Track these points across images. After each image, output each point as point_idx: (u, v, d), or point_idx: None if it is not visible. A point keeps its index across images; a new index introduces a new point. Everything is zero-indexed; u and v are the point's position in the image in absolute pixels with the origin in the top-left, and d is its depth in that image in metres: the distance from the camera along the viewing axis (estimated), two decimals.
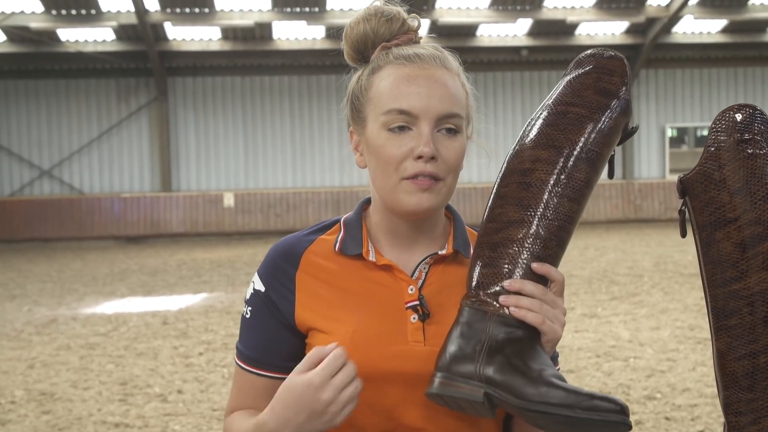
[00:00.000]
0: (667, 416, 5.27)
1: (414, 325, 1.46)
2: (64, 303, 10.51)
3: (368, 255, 1.50)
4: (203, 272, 13.37)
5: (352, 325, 1.45)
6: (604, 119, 1.40)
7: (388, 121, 1.43)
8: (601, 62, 1.44)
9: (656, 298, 9.57)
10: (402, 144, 1.42)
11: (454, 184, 1.48)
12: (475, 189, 20.04)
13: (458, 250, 1.51)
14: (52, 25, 17.45)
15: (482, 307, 1.36)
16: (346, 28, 1.55)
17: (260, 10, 17.75)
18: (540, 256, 1.37)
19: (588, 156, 1.39)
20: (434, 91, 1.43)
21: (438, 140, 1.43)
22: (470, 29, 19.18)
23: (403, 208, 1.45)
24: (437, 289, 1.49)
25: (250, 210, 19.85)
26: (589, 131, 1.39)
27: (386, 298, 1.48)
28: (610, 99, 1.41)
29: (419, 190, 1.42)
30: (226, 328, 8.50)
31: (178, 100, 20.56)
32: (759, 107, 1.30)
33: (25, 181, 20.23)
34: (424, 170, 1.41)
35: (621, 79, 1.43)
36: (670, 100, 21.68)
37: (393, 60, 1.47)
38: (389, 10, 1.52)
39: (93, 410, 5.75)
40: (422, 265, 1.51)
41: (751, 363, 1.29)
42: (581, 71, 1.44)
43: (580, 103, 1.40)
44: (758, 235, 1.26)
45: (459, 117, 1.46)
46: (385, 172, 1.44)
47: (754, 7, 18.70)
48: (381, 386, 1.44)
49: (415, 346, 1.44)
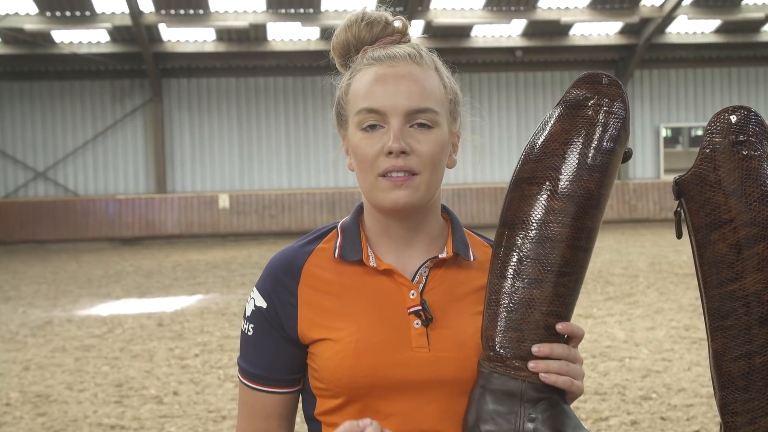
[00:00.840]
0: (663, 416, 5.28)
1: (417, 330, 1.44)
2: (59, 305, 10.49)
3: (369, 260, 1.49)
4: (198, 274, 13.36)
5: (355, 333, 1.44)
6: (611, 157, 1.37)
7: (360, 121, 1.45)
8: (600, 90, 1.39)
9: (651, 299, 9.58)
10: (374, 142, 1.43)
11: (434, 179, 1.46)
12: (470, 189, 20.05)
13: (458, 253, 1.51)
14: (46, 26, 17.43)
15: (512, 373, 1.35)
16: (332, 39, 1.57)
17: (255, 11, 17.75)
18: (561, 315, 1.36)
19: (598, 201, 1.37)
20: (402, 87, 1.44)
21: (410, 135, 1.43)
22: (465, 30, 19.19)
23: (383, 206, 1.45)
24: (439, 293, 1.48)
25: (245, 211, 19.83)
26: (598, 175, 1.36)
27: (388, 304, 1.46)
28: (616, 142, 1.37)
29: (394, 186, 1.42)
30: (221, 329, 8.50)
31: (172, 101, 20.54)
32: (754, 109, 1.31)
33: (20, 182, 20.19)
34: (395, 165, 1.41)
35: (623, 112, 1.38)
36: (665, 100, 21.72)
37: (366, 62, 1.49)
38: (371, 14, 1.54)
39: (88, 412, 5.74)
40: (423, 269, 1.50)
41: (747, 363, 1.29)
42: (580, 103, 1.38)
43: (587, 144, 1.36)
44: (753, 236, 1.27)
45: (432, 111, 1.45)
46: (363, 171, 1.46)
47: (748, 8, 18.75)
48: (388, 393, 1.43)
49: (420, 352, 1.43)
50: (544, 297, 1.35)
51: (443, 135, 1.47)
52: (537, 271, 1.35)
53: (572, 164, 1.35)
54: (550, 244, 1.35)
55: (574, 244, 1.35)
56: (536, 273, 1.35)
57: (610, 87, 1.39)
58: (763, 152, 1.28)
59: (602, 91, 1.38)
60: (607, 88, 1.38)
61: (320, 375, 1.46)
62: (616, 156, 1.37)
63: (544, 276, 1.35)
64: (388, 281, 1.48)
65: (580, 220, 1.35)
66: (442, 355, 1.43)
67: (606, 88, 1.38)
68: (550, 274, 1.35)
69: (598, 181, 1.35)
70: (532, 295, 1.35)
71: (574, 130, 1.37)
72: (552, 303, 1.35)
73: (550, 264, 1.35)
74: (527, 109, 21.17)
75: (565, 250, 1.35)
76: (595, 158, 1.35)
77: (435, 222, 1.54)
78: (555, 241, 1.35)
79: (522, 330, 1.35)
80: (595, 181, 1.35)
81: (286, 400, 1.52)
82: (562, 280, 1.35)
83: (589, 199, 1.35)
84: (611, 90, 1.38)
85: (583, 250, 1.37)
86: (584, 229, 1.36)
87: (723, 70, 21.74)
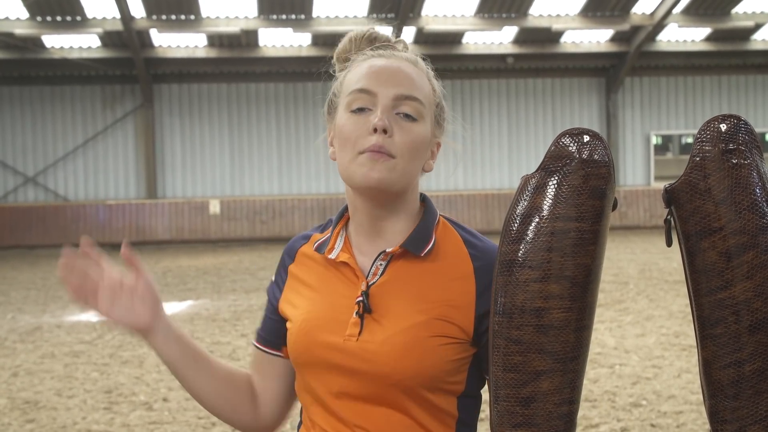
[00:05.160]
0: (653, 423, 5.29)
1: (354, 320, 1.51)
2: (49, 311, 10.45)
3: (330, 252, 1.58)
4: (189, 279, 13.33)
5: (304, 313, 1.56)
6: (603, 223, 1.29)
7: (350, 102, 1.51)
8: (582, 149, 1.28)
9: (641, 305, 9.60)
10: (361, 123, 1.49)
11: (410, 168, 1.50)
12: (460, 196, 20.08)
13: (407, 248, 1.53)
14: (37, 31, 17.39)
15: None
16: (336, 49, 1.66)
17: (246, 17, 17.75)
18: (573, 400, 1.33)
19: (596, 274, 1.31)
20: (395, 74, 1.52)
21: (395, 120, 1.49)
22: (456, 37, 19.23)
23: (357, 180, 1.49)
24: (388, 287, 1.53)
25: (236, 217, 19.81)
26: (593, 247, 1.29)
27: (342, 293, 1.55)
28: (603, 198, 1.28)
29: (370, 161, 1.47)
30: (211, 335, 8.48)
31: (163, 106, 20.52)
32: (744, 117, 1.31)
33: (10, 188, 20.13)
34: (377, 143, 1.46)
35: (608, 169, 1.29)
36: (655, 107, 21.80)
37: (362, 55, 1.59)
38: (373, 33, 1.63)
39: (77, 419, 5.72)
40: (378, 262, 1.55)
41: (736, 371, 1.29)
42: (565, 169, 1.28)
43: (578, 216, 1.27)
44: (743, 244, 1.27)
45: (419, 102, 1.51)
46: (344, 149, 1.51)
47: (738, 16, 18.85)
48: (320, 373, 1.53)
49: (348, 341, 1.50)
50: (555, 388, 1.30)
51: (425, 131, 1.53)
52: (543, 362, 1.30)
53: (567, 243, 1.27)
54: (554, 332, 1.29)
55: (579, 325, 1.30)
56: (543, 365, 1.30)
57: (592, 141, 1.29)
58: (752, 161, 1.28)
59: (583, 150, 1.28)
60: (587, 145, 1.29)
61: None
62: (607, 218, 1.31)
63: (553, 366, 1.30)
64: (348, 272, 1.56)
65: (581, 300, 1.29)
66: (365, 348, 1.49)
67: (586, 145, 1.29)
68: (558, 363, 1.30)
69: (594, 253, 1.29)
70: (541, 388, 1.30)
71: (561, 202, 1.27)
72: (563, 392, 1.31)
73: (556, 353, 1.29)
74: (518, 115, 21.21)
75: (570, 335, 1.29)
76: (589, 230, 1.28)
77: (405, 214, 1.58)
78: (559, 328, 1.28)
79: (534, 424, 1.32)
80: (590, 255, 1.29)
81: (281, 363, 1.68)
82: (570, 366, 1.31)
83: (587, 276, 1.29)
84: (592, 145, 1.29)
85: (588, 327, 1.31)
86: (586, 307, 1.30)
87: (713, 78, 21.84)
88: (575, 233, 1.27)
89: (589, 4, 18.13)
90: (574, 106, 21.44)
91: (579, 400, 1.35)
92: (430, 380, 1.49)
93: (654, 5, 18.35)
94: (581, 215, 1.27)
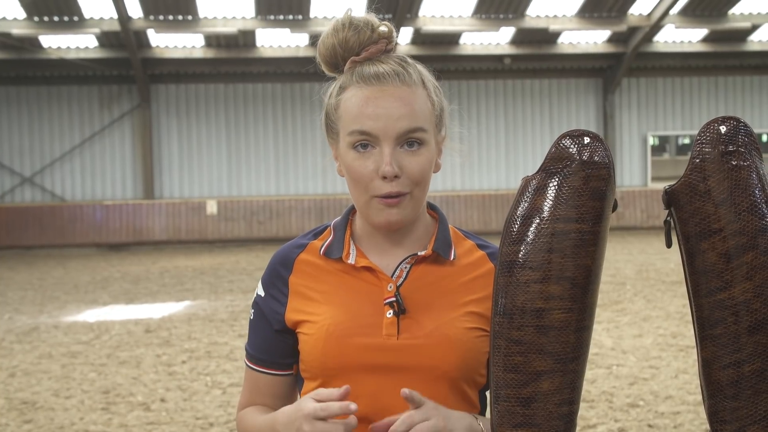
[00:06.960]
0: (650, 424, 5.30)
1: (389, 320, 1.53)
2: (46, 311, 10.44)
3: (347, 258, 1.59)
4: (186, 280, 13.32)
5: (329, 318, 1.55)
6: (603, 224, 1.29)
7: (352, 141, 1.52)
8: (582, 151, 1.29)
9: (639, 306, 9.61)
10: (367, 163, 1.51)
11: (421, 194, 1.55)
12: (458, 196, 20.08)
13: (438, 252, 1.59)
14: (34, 31, 17.36)
15: None
16: (318, 44, 1.61)
17: (244, 17, 17.74)
18: (573, 400, 1.34)
19: (596, 275, 1.31)
20: (393, 110, 1.49)
21: (401, 156, 1.50)
22: (453, 37, 19.23)
23: (375, 224, 1.55)
24: (416, 288, 1.57)
25: (233, 217, 19.80)
26: (593, 248, 1.29)
27: (366, 296, 1.57)
28: (603, 200, 1.29)
29: (387, 206, 1.51)
30: (209, 336, 8.47)
31: (161, 107, 20.50)
32: (743, 119, 1.32)
33: (6, 188, 20.10)
34: (391, 191, 1.50)
35: (608, 171, 1.29)
36: (652, 108, 21.81)
37: (356, 81, 1.54)
38: (357, 19, 1.58)
39: (75, 419, 5.71)
40: (403, 265, 1.59)
41: (735, 372, 1.30)
42: (565, 171, 1.29)
43: (579, 217, 1.28)
44: (742, 245, 1.27)
45: (422, 130, 1.52)
46: (357, 190, 1.54)
47: (734, 17, 18.86)
48: (356, 376, 1.52)
49: (389, 339, 1.52)
50: (555, 388, 1.31)
51: (431, 152, 1.55)
52: (544, 363, 1.30)
53: (567, 244, 1.27)
54: (554, 333, 1.29)
55: (579, 326, 1.30)
56: (544, 365, 1.30)
57: (592, 143, 1.29)
58: (752, 162, 1.29)
59: (584, 152, 1.28)
60: (588, 146, 1.29)
61: (302, 357, 1.60)
62: (607, 219, 1.31)
63: (553, 366, 1.30)
64: (369, 276, 1.58)
65: (582, 301, 1.29)
66: (409, 343, 1.51)
67: (587, 147, 1.29)
68: (558, 363, 1.30)
69: (594, 254, 1.29)
70: (541, 389, 1.31)
71: (562, 203, 1.28)
72: (563, 392, 1.32)
73: (557, 353, 1.30)
74: (515, 116, 21.21)
75: (570, 336, 1.29)
76: (589, 232, 1.28)
77: (420, 223, 1.62)
78: (559, 329, 1.29)
79: (539, 425, 1.32)
80: (591, 256, 1.28)
81: (281, 381, 1.66)
82: (570, 366, 1.31)
83: (587, 277, 1.29)
84: (592, 147, 1.29)
85: (588, 328, 1.32)
86: (587, 308, 1.30)
87: (710, 79, 21.86)
88: (576, 234, 1.28)
89: (586, 5, 18.14)
90: (572, 106, 21.45)
91: (579, 400, 1.36)
92: (470, 371, 1.55)
93: (651, 6, 18.37)
94: (582, 216, 1.28)
